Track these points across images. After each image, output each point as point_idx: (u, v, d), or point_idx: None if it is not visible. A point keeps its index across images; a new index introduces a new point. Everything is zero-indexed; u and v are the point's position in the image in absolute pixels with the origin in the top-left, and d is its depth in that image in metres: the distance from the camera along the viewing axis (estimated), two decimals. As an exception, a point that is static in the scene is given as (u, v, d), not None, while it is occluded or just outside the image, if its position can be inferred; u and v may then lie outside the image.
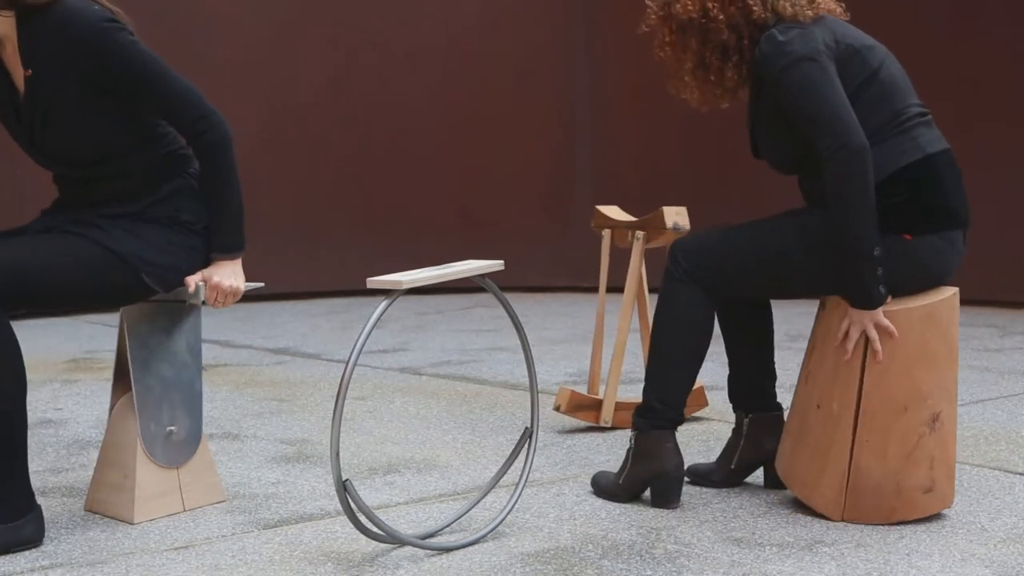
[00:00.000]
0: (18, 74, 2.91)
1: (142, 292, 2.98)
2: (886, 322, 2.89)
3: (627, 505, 3.13)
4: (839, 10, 3.09)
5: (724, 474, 3.29)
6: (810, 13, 2.98)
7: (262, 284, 3.29)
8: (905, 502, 2.93)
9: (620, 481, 3.14)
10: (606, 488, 3.18)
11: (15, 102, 2.94)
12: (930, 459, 2.93)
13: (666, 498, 3.09)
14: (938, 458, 2.94)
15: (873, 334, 2.89)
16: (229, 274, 3.02)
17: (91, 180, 2.98)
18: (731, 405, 3.35)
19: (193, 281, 2.98)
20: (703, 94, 3.15)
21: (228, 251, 3.02)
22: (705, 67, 3.08)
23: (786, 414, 3.21)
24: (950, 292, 2.98)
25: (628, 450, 3.14)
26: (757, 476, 3.38)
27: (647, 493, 3.15)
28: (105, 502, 3.10)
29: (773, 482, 3.29)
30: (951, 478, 2.98)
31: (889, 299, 2.93)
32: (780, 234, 3.00)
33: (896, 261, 2.90)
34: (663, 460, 3.07)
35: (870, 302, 2.87)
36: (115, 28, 2.85)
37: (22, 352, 2.84)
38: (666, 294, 3.09)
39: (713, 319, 3.10)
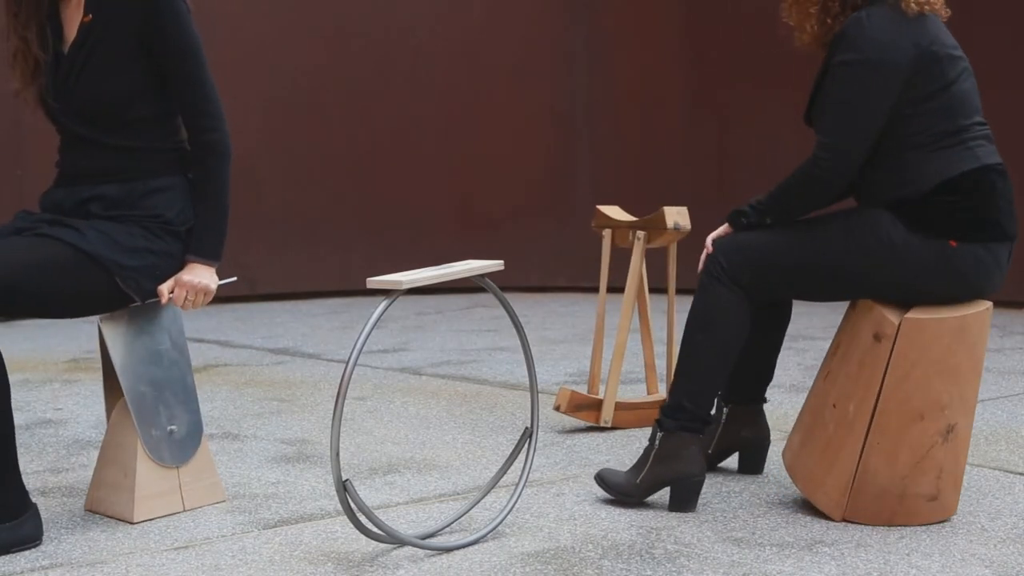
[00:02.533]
0: (73, 24, 3.00)
1: (117, 298, 2.96)
2: (709, 240, 3.09)
3: (627, 505, 3.13)
4: (942, 10, 3.02)
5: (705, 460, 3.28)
6: (915, 7, 2.92)
7: (234, 278, 3.28)
8: (907, 508, 2.93)
9: (638, 480, 3.08)
10: (618, 486, 3.12)
11: (59, 54, 3.00)
12: (939, 469, 2.92)
13: (686, 501, 3.05)
14: (947, 469, 2.93)
15: (713, 233, 3.11)
16: (201, 274, 3.01)
17: (97, 146, 2.99)
18: (722, 396, 3.37)
19: (166, 290, 2.98)
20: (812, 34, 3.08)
21: (206, 257, 3.03)
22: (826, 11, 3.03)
23: (784, 410, 3.21)
24: (984, 306, 2.96)
25: (648, 449, 3.08)
26: (759, 476, 3.38)
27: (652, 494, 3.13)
28: (105, 501, 3.10)
29: (747, 467, 3.37)
30: (957, 489, 2.97)
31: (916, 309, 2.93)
32: (824, 236, 2.98)
33: (937, 266, 2.90)
34: (688, 463, 3.02)
35: (733, 219, 3.10)
36: None
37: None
38: (703, 292, 3.05)
39: (749, 320, 3.05)
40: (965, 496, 3.16)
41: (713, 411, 3.16)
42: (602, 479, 3.16)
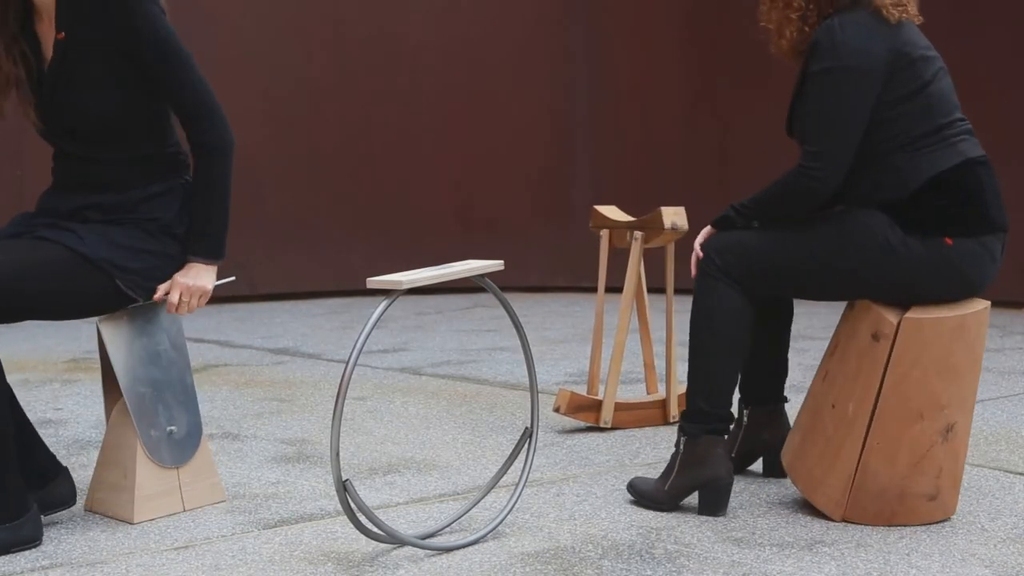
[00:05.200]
0: (49, 41, 2.94)
1: (118, 300, 2.95)
2: (698, 244, 3.10)
3: (627, 505, 3.13)
4: (916, 17, 3.03)
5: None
6: (896, 13, 2.94)
7: (232, 278, 3.27)
8: (907, 508, 2.93)
9: (667, 487, 3.06)
10: (648, 494, 3.10)
11: (40, 72, 2.96)
12: (938, 468, 2.92)
13: (716, 505, 3.03)
14: (947, 468, 2.93)
15: (703, 236, 3.11)
16: (198, 276, 2.99)
17: (91, 161, 2.97)
18: (741, 396, 3.37)
19: (163, 290, 2.97)
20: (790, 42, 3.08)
21: (207, 257, 3.00)
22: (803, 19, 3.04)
23: (792, 410, 3.21)
24: (982, 306, 2.97)
25: (675, 455, 3.07)
26: (758, 474, 3.38)
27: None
28: (105, 502, 3.10)
29: (770, 470, 3.34)
30: (956, 488, 2.97)
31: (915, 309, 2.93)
32: (819, 237, 2.98)
33: (935, 264, 2.90)
34: (715, 467, 3.01)
35: (719, 223, 3.10)
36: (151, 0, 2.92)
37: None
38: (702, 292, 3.05)
39: (751, 313, 3.05)
40: (965, 496, 3.16)
41: (733, 409, 3.16)
42: (633, 487, 3.14)
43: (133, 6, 2.89)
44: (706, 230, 3.12)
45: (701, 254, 3.07)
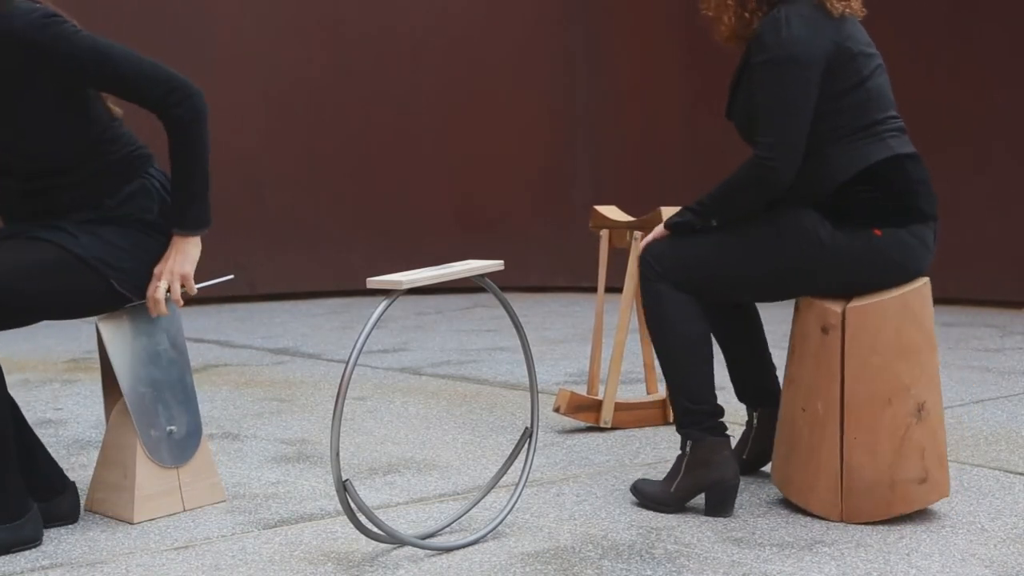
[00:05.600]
0: None
1: (114, 299, 2.94)
2: (654, 234, 3.12)
3: (627, 505, 3.13)
4: (859, 11, 3.06)
5: (738, 464, 3.28)
6: (839, 7, 2.97)
7: (231, 277, 3.26)
8: (900, 496, 2.94)
9: (672, 489, 3.06)
10: (654, 496, 3.09)
11: None
12: (920, 449, 2.94)
13: (723, 507, 3.03)
14: (928, 448, 2.95)
15: (651, 234, 3.12)
16: (180, 252, 2.94)
17: (37, 193, 2.90)
18: (742, 403, 3.40)
19: (150, 291, 2.94)
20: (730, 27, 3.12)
21: (191, 227, 2.95)
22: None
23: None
24: (921, 282, 3.01)
25: (680, 458, 3.07)
26: (759, 475, 3.38)
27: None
28: (105, 502, 3.10)
29: None
30: (944, 467, 2.98)
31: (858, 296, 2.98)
32: (753, 241, 3.03)
33: (866, 255, 2.95)
34: (720, 469, 3.01)
35: (669, 222, 3.11)
36: (56, 22, 2.80)
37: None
38: (648, 297, 3.09)
39: (698, 303, 3.08)
40: (965, 496, 3.16)
41: (740, 407, 3.16)
42: (638, 490, 3.14)
43: (37, 39, 2.77)
44: (656, 231, 3.14)
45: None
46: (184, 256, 2.96)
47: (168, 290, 2.95)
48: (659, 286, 3.06)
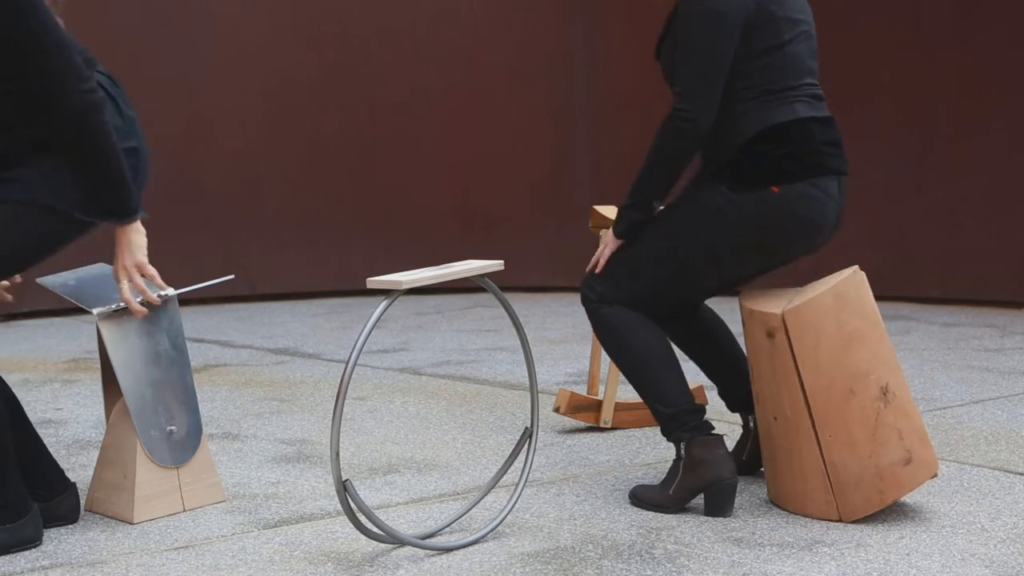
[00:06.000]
0: None
1: (80, 227, 2.82)
2: (610, 248, 3.14)
3: (627, 505, 3.13)
4: None
5: (736, 465, 3.29)
6: None
7: (231, 276, 3.27)
8: (891, 482, 2.94)
9: (671, 491, 3.07)
10: (652, 499, 3.10)
11: None
12: (896, 431, 2.94)
13: (722, 506, 3.03)
14: (904, 428, 2.95)
15: (606, 251, 3.14)
16: (132, 250, 2.85)
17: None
18: (734, 412, 3.41)
19: (123, 294, 2.87)
20: None
21: (124, 216, 2.82)
22: None
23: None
24: (850, 270, 3.02)
25: (676, 460, 3.07)
26: (759, 475, 3.38)
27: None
28: (105, 501, 3.10)
29: None
30: (926, 443, 2.97)
31: (793, 294, 3.01)
32: (672, 235, 3.08)
33: (764, 213, 3.00)
34: (717, 468, 3.02)
35: (616, 230, 3.13)
36: None
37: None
38: (595, 321, 3.16)
39: (648, 317, 3.14)
40: (965, 496, 3.16)
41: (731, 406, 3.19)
42: (636, 496, 3.15)
43: None
44: (610, 245, 3.17)
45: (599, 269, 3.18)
46: (130, 246, 2.86)
47: (145, 294, 2.91)
48: (602, 310, 3.13)
